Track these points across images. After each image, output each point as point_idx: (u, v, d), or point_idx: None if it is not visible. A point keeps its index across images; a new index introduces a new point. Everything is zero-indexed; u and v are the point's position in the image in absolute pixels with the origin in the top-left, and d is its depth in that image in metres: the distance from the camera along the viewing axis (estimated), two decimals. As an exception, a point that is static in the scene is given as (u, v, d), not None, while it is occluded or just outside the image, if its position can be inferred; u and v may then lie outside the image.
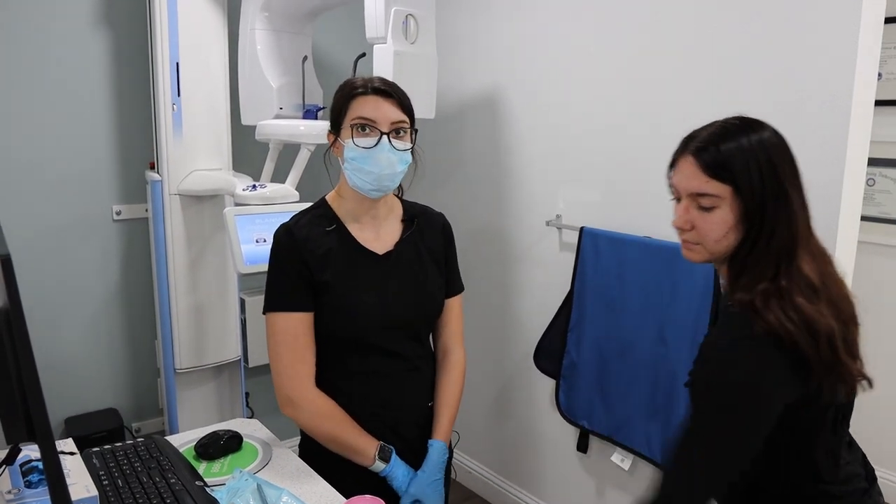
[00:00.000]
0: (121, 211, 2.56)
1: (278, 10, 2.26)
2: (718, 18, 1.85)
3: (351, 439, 1.43)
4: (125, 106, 2.53)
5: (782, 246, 1.05)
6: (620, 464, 2.21)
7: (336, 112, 1.43)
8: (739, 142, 1.07)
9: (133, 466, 1.33)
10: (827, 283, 1.08)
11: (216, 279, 2.40)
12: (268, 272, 1.46)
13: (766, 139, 1.08)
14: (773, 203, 1.05)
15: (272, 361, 1.43)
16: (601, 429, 2.18)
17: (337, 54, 2.94)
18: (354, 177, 1.42)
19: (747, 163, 1.05)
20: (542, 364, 2.36)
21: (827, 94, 1.65)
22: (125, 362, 2.67)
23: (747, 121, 1.11)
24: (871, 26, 1.61)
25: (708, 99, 1.89)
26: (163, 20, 2.18)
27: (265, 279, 1.48)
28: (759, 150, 1.06)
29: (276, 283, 1.44)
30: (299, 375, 1.42)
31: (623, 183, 2.15)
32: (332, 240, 1.45)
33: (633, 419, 2.07)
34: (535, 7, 2.37)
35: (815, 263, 1.08)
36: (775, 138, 1.09)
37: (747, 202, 1.05)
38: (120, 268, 2.60)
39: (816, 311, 1.02)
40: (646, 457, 2.06)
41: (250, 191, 2.01)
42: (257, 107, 2.29)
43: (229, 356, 2.48)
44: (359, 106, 1.39)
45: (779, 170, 1.06)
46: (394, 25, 1.98)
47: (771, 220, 1.05)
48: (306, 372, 1.43)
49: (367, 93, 1.39)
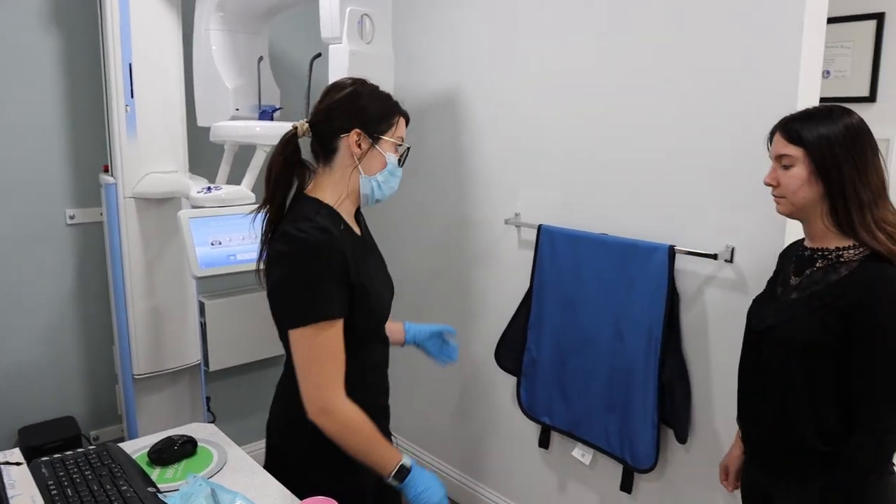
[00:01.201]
0: (74, 215, 2.51)
1: (233, 11, 2.24)
2: (671, 23, 1.88)
3: (375, 456, 1.39)
4: (77, 107, 2.48)
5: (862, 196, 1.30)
6: (581, 458, 2.24)
7: (380, 121, 1.41)
8: (813, 119, 1.34)
9: (84, 475, 1.31)
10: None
11: (174, 283, 2.37)
12: (297, 278, 1.33)
13: (836, 119, 1.32)
14: (833, 162, 1.30)
15: (308, 372, 1.35)
16: (561, 424, 2.20)
17: (293, 55, 2.92)
18: (375, 186, 1.43)
19: (817, 132, 1.32)
20: (503, 362, 2.37)
21: (775, 93, 1.69)
22: (82, 369, 2.62)
23: (829, 107, 1.37)
24: (814, 26, 1.65)
25: (661, 100, 1.92)
26: (114, 20, 2.15)
27: (283, 287, 1.35)
28: (826, 125, 1.32)
29: (316, 289, 1.32)
30: (338, 385, 1.35)
31: (581, 182, 2.17)
32: (348, 238, 1.41)
33: (592, 414, 2.09)
34: (493, 7, 2.38)
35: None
36: (847, 120, 1.32)
37: (815, 160, 1.32)
38: (74, 273, 2.56)
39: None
40: (605, 451, 2.09)
41: (205, 193, 1.99)
42: (213, 108, 2.26)
43: (189, 360, 2.45)
44: (402, 127, 1.46)
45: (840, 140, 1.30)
46: (349, 25, 1.97)
47: (837, 176, 1.30)
48: (342, 380, 1.36)
49: (407, 117, 1.48)
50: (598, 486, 2.25)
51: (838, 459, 1.32)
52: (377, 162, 1.42)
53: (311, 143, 1.46)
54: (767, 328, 1.42)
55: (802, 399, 1.35)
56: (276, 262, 1.37)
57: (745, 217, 1.77)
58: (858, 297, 1.27)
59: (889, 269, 1.27)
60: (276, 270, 1.37)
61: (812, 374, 1.34)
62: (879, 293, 1.26)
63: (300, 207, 1.41)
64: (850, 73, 2.79)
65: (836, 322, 1.29)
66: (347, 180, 1.42)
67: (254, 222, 1.45)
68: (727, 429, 1.88)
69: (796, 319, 1.35)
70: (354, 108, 1.40)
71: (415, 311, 2.95)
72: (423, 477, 1.40)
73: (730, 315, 1.84)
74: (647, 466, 1.98)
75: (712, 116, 1.82)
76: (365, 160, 1.41)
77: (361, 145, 1.40)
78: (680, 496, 2.02)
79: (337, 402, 1.35)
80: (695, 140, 1.86)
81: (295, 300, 1.34)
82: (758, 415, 1.45)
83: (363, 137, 1.40)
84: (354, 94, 1.41)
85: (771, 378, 1.41)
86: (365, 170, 1.41)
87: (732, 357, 1.84)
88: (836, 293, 1.29)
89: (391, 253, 3.05)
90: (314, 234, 1.33)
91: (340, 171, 1.42)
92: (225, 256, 1.90)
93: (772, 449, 1.43)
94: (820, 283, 1.33)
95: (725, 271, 1.84)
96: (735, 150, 1.78)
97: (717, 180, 1.83)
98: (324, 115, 1.42)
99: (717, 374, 1.90)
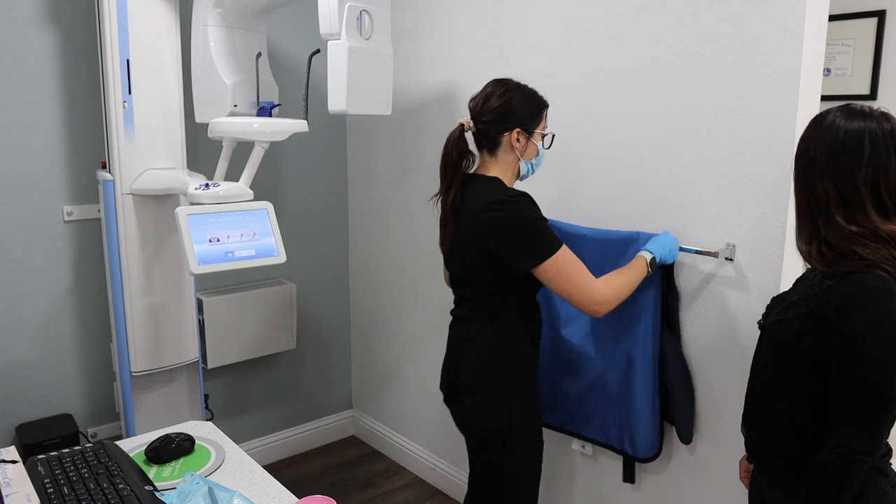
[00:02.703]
0: (72, 212, 2.50)
1: (231, 7, 2.23)
2: (671, 20, 1.87)
3: (636, 280, 1.76)
4: (75, 104, 2.47)
5: (817, 203, 1.26)
6: (582, 450, 2.23)
7: (533, 118, 1.76)
8: (830, 116, 1.27)
9: (80, 473, 1.30)
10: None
11: (172, 280, 2.36)
12: (528, 226, 1.68)
13: (830, 119, 1.26)
14: (802, 162, 1.28)
15: (571, 288, 1.67)
16: (555, 422, 2.18)
17: (292, 51, 2.91)
18: (530, 167, 1.82)
19: (807, 132, 1.29)
20: None
21: (776, 91, 1.68)
22: (79, 366, 2.61)
23: (848, 106, 1.28)
24: (816, 24, 1.64)
25: (661, 97, 1.92)
26: (112, 16, 2.13)
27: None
28: (819, 127, 1.27)
29: (544, 229, 1.69)
30: (592, 280, 1.69)
31: (578, 180, 2.16)
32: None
33: (591, 410, 2.08)
34: (491, 3, 2.37)
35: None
36: (861, 123, 1.23)
37: (796, 163, 1.31)
38: (72, 270, 2.55)
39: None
40: (604, 444, 2.07)
41: (203, 189, 1.97)
42: (211, 104, 2.25)
43: (187, 358, 2.44)
44: (546, 118, 1.81)
45: (828, 143, 1.24)
46: (348, 21, 1.96)
47: (803, 178, 1.28)
48: (591, 275, 1.70)
49: (548, 107, 1.82)
50: (600, 478, 2.24)
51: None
52: (532, 151, 1.79)
53: (474, 136, 1.79)
54: (765, 327, 1.40)
55: (783, 404, 1.32)
56: (498, 224, 1.68)
57: (747, 214, 1.77)
58: (839, 307, 1.21)
59: (869, 279, 1.19)
60: (503, 231, 1.68)
61: (792, 379, 1.30)
62: (857, 305, 1.19)
63: (484, 184, 1.76)
64: (851, 71, 2.78)
65: (819, 329, 1.24)
66: (510, 165, 1.78)
67: (435, 208, 1.92)
68: (732, 425, 1.87)
69: (784, 322, 1.31)
70: (516, 111, 1.74)
71: (411, 301, 2.95)
72: (658, 245, 1.82)
73: (730, 313, 1.83)
74: (649, 456, 1.96)
75: (714, 114, 1.81)
76: (525, 151, 1.78)
77: (520, 140, 1.75)
78: (685, 488, 2.01)
79: (601, 293, 1.69)
80: (695, 137, 1.85)
81: (533, 242, 1.67)
82: (750, 415, 1.43)
83: (521, 134, 1.75)
84: (514, 99, 1.74)
85: (762, 380, 1.39)
86: (525, 157, 1.79)
87: (734, 355, 1.84)
88: (822, 300, 1.24)
89: (391, 250, 3.05)
90: (518, 194, 1.71)
91: (504, 159, 1.78)
92: (223, 253, 1.88)
93: (760, 451, 1.41)
94: (815, 287, 1.29)
95: (726, 269, 1.83)
96: (736, 148, 1.77)
97: (719, 178, 1.82)
98: (487, 117, 1.74)
99: (720, 371, 1.89)
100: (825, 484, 1.22)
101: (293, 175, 3.07)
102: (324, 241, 3.22)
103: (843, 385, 1.21)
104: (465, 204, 1.76)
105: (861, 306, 1.19)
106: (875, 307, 1.18)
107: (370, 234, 3.15)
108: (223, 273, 1.93)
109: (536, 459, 1.87)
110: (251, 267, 1.92)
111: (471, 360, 1.79)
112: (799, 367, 1.29)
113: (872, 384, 1.18)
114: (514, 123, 1.73)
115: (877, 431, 1.19)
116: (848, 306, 1.20)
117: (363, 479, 3.05)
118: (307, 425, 3.30)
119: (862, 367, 1.18)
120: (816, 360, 1.25)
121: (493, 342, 1.77)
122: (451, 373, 1.86)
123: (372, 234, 3.14)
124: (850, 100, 2.05)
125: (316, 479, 3.05)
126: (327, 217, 3.22)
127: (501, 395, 1.77)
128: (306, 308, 3.19)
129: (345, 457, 3.26)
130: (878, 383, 1.18)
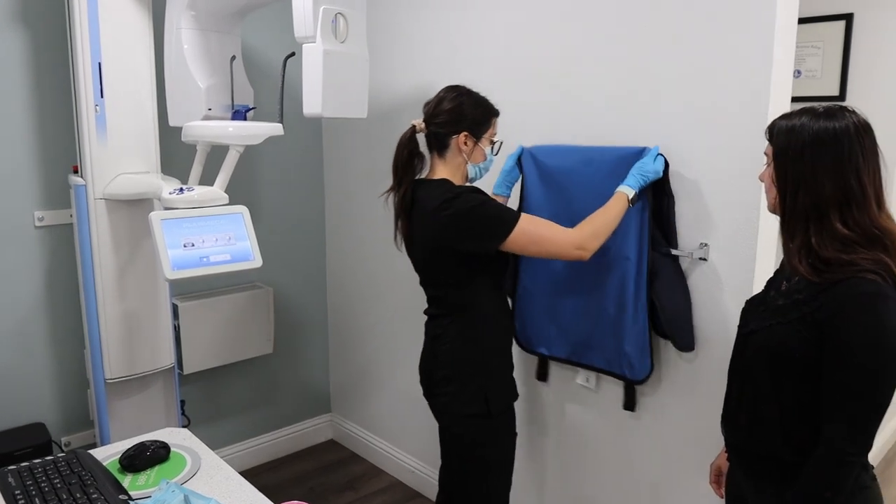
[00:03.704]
0: (43, 217, 2.47)
1: (205, 9, 2.21)
2: (643, 22, 1.89)
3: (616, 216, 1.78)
4: (46, 107, 2.43)
5: (809, 205, 1.25)
6: (586, 384, 2.19)
7: (481, 124, 1.86)
8: (794, 118, 1.29)
9: (52, 483, 1.28)
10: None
11: (146, 285, 2.33)
12: (482, 210, 1.75)
13: (815, 119, 1.26)
14: (793, 166, 1.27)
15: (545, 242, 1.75)
16: (560, 353, 2.14)
17: (267, 54, 2.89)
18: (478, 171, 1.90)
19: (785, 132, 1.28)
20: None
21: (747, 93, 1.70)
22: (52, 374, 2.57)
23: (822, 107, 1.29)
24: (786, 26, 1.67)
25: (633, 97, 1.93)
26: (82, 18, 2.10)
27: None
28: (801, 125, 1.26)
29: (498, 208, 1.78)
30: (561, 230, 1.76)
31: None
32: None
33: (591, 337, 2.05)
34: (467, 6, 2.38)
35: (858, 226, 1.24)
36: (830, 123, 1.25)
37: (776, 161, 1.30)
38: (44, 276, 2.51)
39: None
40: (606, 371, 2.03)
41: (177, 194, 1.95)
42: (185, 108, 2.22)
43: (162, 364, 2.41)
44: (496, 125, 1.90)
45: (809, 142, 1.25)
46: (323, 24, 1.95)
47: (782, 181, 1.29)
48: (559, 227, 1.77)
49: (498, 115, 1.91)
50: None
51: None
52: (479, 155, 1.87)
53: (426, 137, 1.88)
54: (750, 332, 1.40)
55: (773, 408, 1.33)
56: (452, 221, 1.75)
57: (721, 215, 1.79)
58: (832, 312, 1.22)
59: (864, 285, 1.20)
60: (460, 224, 1.75)
61: (783, 383, 1.31)
62: (850, 310, 1.20)
63: (433, 186, 1.83)
64: (821, 72, 2.83)
65: (812, 334, 1.25)
66: (457, 167, 1.87)
67: (387, 204, 1.95)
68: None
69: (774, 327, 1.32)
70: (464, 115, 1.83)
71: (388, 304, 2.95)
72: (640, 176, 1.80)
73: (703, 313, 1.85)
74: (642, 377, 1.94)
75: (684, 115, 1.83)
76: (472, 154, 1.86)
77: (468, 143, 1.83)
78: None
79: (576, 238, 1.74)
80: (667, 138, 1.87)
81: (491, 224, 1.75)
82: (735, 418, 1.43)
83: (469, 137, 1.83)
84: (463, 104, 1.84)
85: (748, 383, 1.39)
86: (472, 160, 1.87)
87: (712, 353, 1.86)
88: (814, 305, 1.25)
89: (368, 253, 3.04)
90: (463, 188, 1.80)
91: (452, 161, 1.86)
92: (198, 258, 1.86)
93: (746, 454, 1.42)
94: (803, 291, 1.29)
95: (700, 269, 1.85)
96: (709, 149, 1.79)
97: (691, 178, 1.84)
98: (438, 119, 1.84)
99: (695, 373, 1.91)
100: (820, 487, 1.24)
101: (269, 179, 3.05)
102: (300, 245, 3.21)
103: (835, 389, 1.23)
104: (416, 208, 1.85)
105: (855, 311, 1.20)
106: (868, 313, 1.19)
107: (347, 236, 3.14)
108: (198, 278, 1.91)
109: (508, 452, 1.93)
110: (226, 272, 1.91)
111: (443, 354, 1.88)
112: (790, 372, 1.30)
113: (863, 388, 1.20)
114: (463, 126, 1.83)
115: (868, 433, 1.22)
116: (842, 312, 1.21)
117: (342, 483, 3.04)
118: (285, 430, 3.27)
119: (854, 371, 1.20)
120: (808, 364, 1.27)
121: (462, 335, 1.86)
122: (426, 368, 1.95)
123: (349, 237, 3.13)
124: (822, 101, 2.08)
125: (295, 484, 3.03)
126: (304, 220, 3.20)
127: (474, 384, 1.85)
128: (283, 312, 3.17)
129: (323, 461, 3.24)
130: (869, 388, 1.20)
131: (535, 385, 2.36)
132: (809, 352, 1.26)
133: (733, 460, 1.48)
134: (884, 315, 1.19)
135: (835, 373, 1.23)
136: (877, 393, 1.20)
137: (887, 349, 1.19)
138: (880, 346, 1.19)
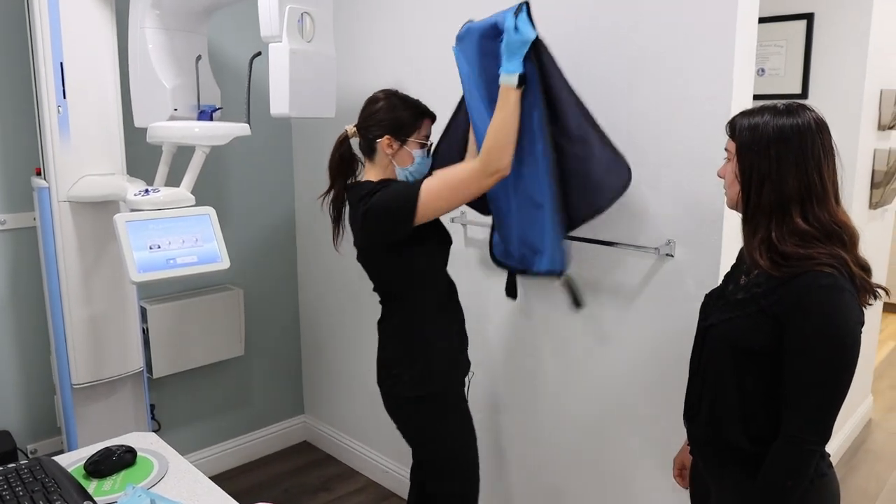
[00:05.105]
0: (5, 220, 2.42)
1: (170, 8, 2.18)
2: (602, 19, 1.91)
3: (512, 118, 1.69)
4: (6, 108, 2.39)
5: (773, 200, 1.27)
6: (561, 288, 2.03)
7: (406, 127, 1.84)
8: (756, 115, 1.31)
9: (14, 491, 1.26)
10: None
11: (113, 288, 2.30)
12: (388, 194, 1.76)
13: (781, 116, 1.28)
14: (746, 159, 1.30)
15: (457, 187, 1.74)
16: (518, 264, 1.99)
17: (233, 53, 2.87)
18: (408, 174, 1.88)
19: (749, 129, 1.30)
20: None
21: (710, 90, 1.73)
22: (17, 380, 2.53)
23: (782, 104, 1.31)
24: (747, 25, 1.70)
25: (594, 95, 1.94)
26: (43, 16, 2.07)
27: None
28: (765, 122, 1.29)
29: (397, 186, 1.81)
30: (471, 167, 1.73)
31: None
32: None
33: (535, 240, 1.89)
34: (436, 4, 2.38)
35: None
36: (792, 119, 1.27)
37: (740, 157, 1.31)
38: (7, 281, 2.46)
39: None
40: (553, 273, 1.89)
41: (143, 195, 1.93)
42: (151, 108, 2.19)
43: (131, 368, 2.38)
44: (427, 127, 1.88)
45: (774, 138, 1.27)
46: (289, 23, 1.94)
47: (746, 175, 1.30)
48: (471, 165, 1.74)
49: (431, 117, 1.90)
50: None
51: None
52: (405, 157, 1.86)
53: (359, 142, 1.91)
54: (709, 326, 1.42)
55: (733, 399, 1.35)
56: (367, 213, 1.77)
57: (685, 211, 1.81)
58: (790, 305, 1.25)
59: (822, 278, 1.23)
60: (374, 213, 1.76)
61: (744, 375, 1.34)
62: (808, 303, 1.23)
63: (357, 188, 1.86)
64: (784, 71, 2.88)
65: (772, 327, 1.28)
66: (384, 169, 1.88)
67: (322, 207, 2.00)
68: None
69: (734, 320, 1.35)
70: (385, 118, 1.84)
71: (360, 305, 2.94)
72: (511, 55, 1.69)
73: (671, 309, 1.88)
74: (559, 268, 1.85)
75: (646, 114, 1.85)
76: (397, 157, 1.86)
77: (392, 146, 1.84)
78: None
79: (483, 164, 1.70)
80: (630, 137, 1.89)
81: (397, 199, 1.75)
82: (696, 411, 1.46)
83: (393, 140, 1.83)
84: (384, 107, 1.84)
85: (708, 376, 1.42)
86: (398, 163, 1.87)
87: (674, 349, 1.89)
88: (772, 298, 1.28)
89: (339, 253, 3.02)
90: (378, 184, 1.81)
91: (380, 164, 1.88)
92: (164, 260, 1.84)
93: (706, 446, 1.44)
94: (762, 285, 1.31)
95: (667, 265, 1.87)
96: (673, 146, 1.81)
97: (656, 175, 1.86)
98: (363, 123, 1.88)
99: (662, 371, 1.93)
100: (781, 476, 1.26)
101: (238, 179, 3.02)
102: (271, 245, 3.18)
103: (794, 380, 1.26)
104: (348, 211, 1.91)
105: (812, 304, 1.23)
106: (826, 305, 1.22)
107: (318, 236, 3.12)
108: (166, 280, 1.89)
109: (466, 428, 1.98)
110: (194, 273, 1.89)
111: (386, 341, 1.97)
112: (750, 364, 1.33)
113: (822, 379, 1.23)
114: (385, 130, 1.84)
115: (827, 423, 1.24)
116: (800, 304, 1.24)
117: (316, 485, 3.02)
118: (258, 432, 3.25)
119: (812, 362, 1.23)
120: (768, 356, 1.29)
121: (403, 321, 1.93)
122: (377, 358, 2.01)
123: (320, 237, 3.11)
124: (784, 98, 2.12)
125: (269, 486, 3.01)
126: (274, 220, 3.18)
127: (417, 367, 1.90)
128: (254, 313, 3.14)
129: (297, 463, 3.22)
130: (828, 378, 1.23)
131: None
132: (769, 344, 1.29)
133: (695, 453, 1.50)
134: (840, 306, 1.22)
135: (794, 364, 1.26)
136: (835, 383, 1.23)
137: (844, 340, 1.22)
138: (837, 337, 1.22)
